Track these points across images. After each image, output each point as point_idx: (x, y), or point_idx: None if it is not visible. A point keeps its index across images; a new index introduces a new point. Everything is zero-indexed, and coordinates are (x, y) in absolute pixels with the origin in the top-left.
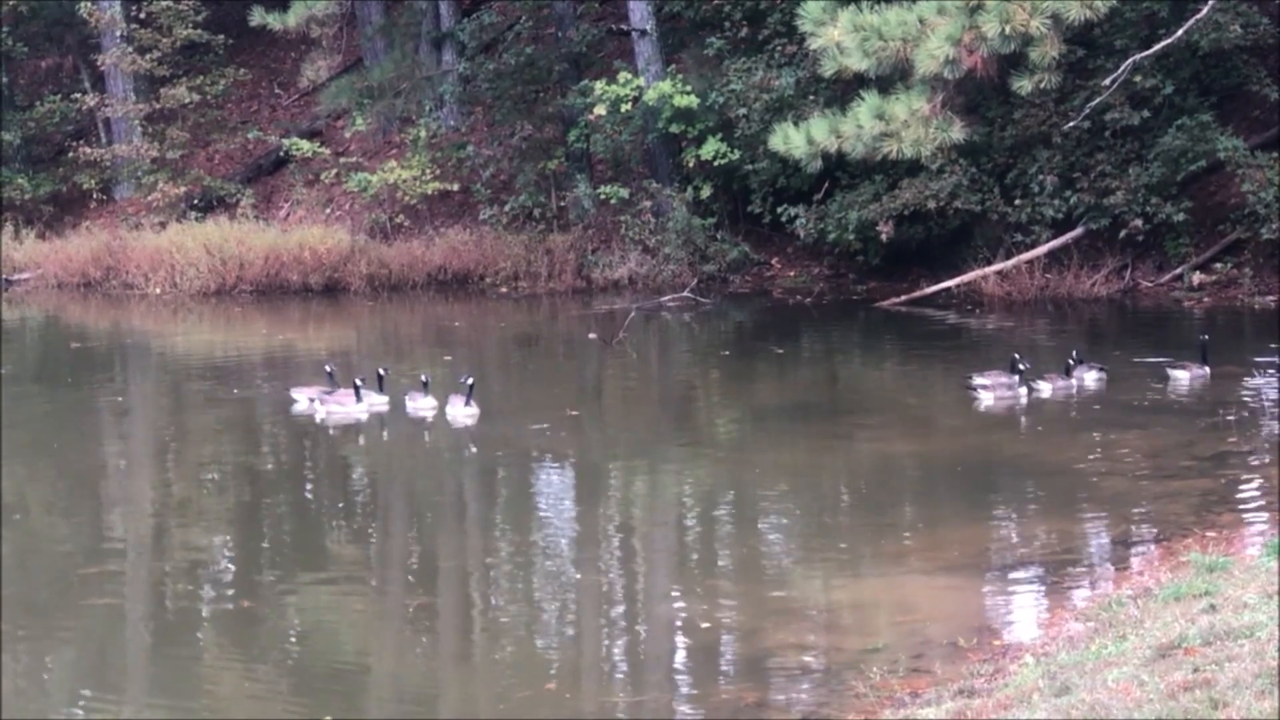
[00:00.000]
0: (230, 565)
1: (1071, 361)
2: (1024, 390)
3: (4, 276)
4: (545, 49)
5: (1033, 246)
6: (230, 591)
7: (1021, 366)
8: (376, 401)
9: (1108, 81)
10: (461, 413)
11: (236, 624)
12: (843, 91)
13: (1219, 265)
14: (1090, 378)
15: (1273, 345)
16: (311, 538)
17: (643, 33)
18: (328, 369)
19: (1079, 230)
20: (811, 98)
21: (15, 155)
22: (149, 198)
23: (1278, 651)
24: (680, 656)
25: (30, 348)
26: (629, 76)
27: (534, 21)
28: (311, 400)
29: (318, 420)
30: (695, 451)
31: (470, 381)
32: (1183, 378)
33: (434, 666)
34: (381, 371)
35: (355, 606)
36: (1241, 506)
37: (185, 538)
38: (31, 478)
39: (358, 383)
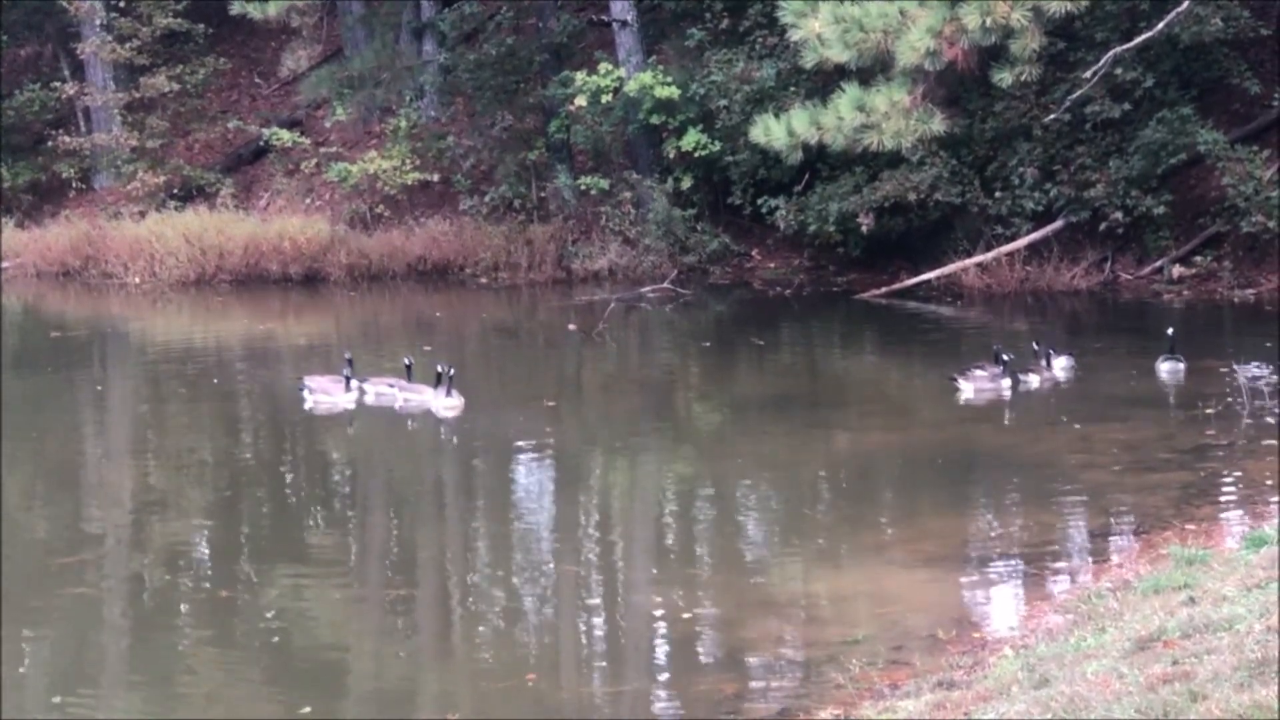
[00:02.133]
0: (209, 555)
1: (1051, 353)
2: (1007, 382)
3: None
4: (526, 39)
5: (1013, 239)
6: (208, 582)
7: (1005, 358)
8: (395, 394)
9: (1088, 74)
10: (444, 403)
11: (214, 614)
12: (823, 83)
13: (1199, 258)
14: (1059, 365)
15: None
16: (291, 528)
17: (624, 24)
18: (346, 356)
19: (1059, 223)
20: (792, 89)
21: None
22: (128, 187)
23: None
24: (660, 648)
25: (9, 336)
26: (610, 67)
27: (515, 12)
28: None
29: (306, 409)
30: (675, 443)
31: (451, 372)
32: (1179, 369)
33: (413, 657)
34: (407, 361)
35: (334, 597)
36: (1220, 499)
37: (164, 527)
38: (10, 466)
39: (346, 373)
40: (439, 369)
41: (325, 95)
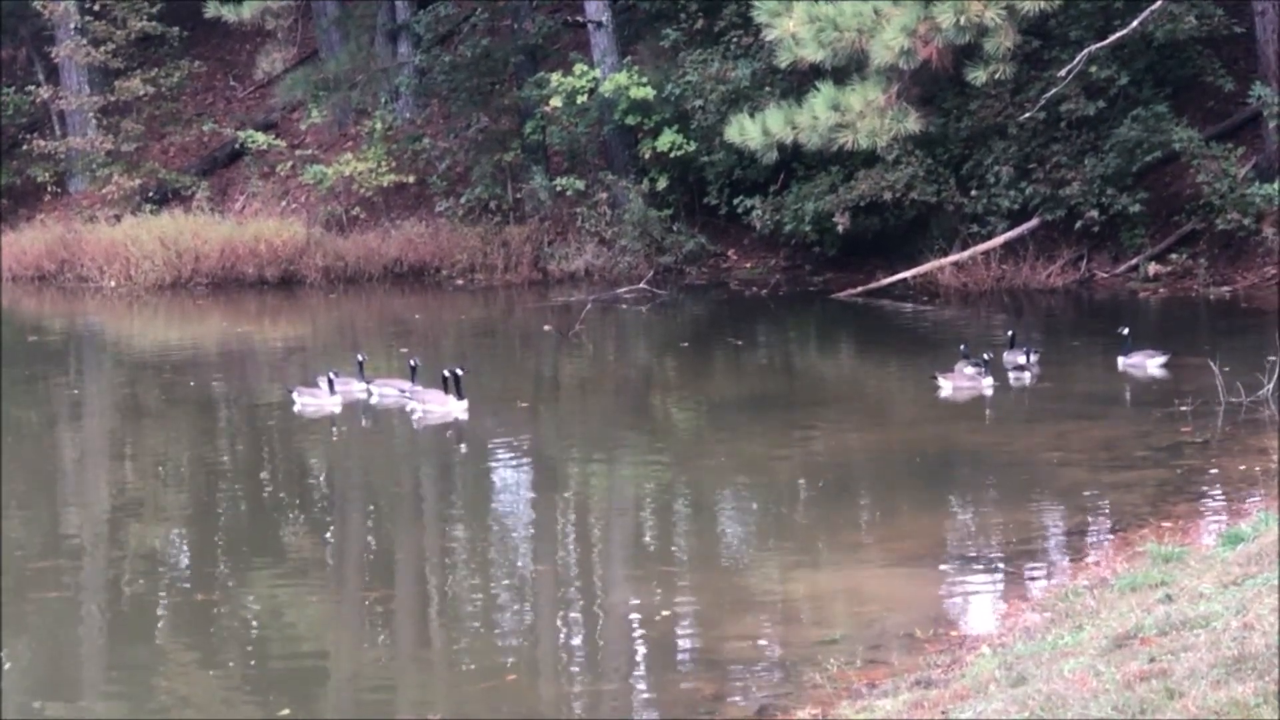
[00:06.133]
0: (186, 559)
1: (1033, 351)
2: (988, 380)
3: None
4: (501, 41)
5: (989, 237)
6: (186, 585)
7: (986, 357)
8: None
9: (1063, 72)
10: (458, 407)
11: (192, 618)
12: (799, 82)
13: (1174, 256)
14: (1020, 360)
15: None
16: (268, 531)
17: (599, 24)
18: (359, 358)
19: (1035, 221)
20: (768, 89)
21: None
22: (104, 190)
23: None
24: (638, 648)
25: None
26: (585, 68)
27: (490, 13)
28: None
29: (295, 410)
30: (652, 443)
31: (459, 373)
32: (1160, 361)
33: (392, 659)
34: (413, 362)
35: (312, 599)
36: (1197, 496)
37: (141, 531)
38: None
39: (331, 375)
40: (457, 372)
41: (300, 97)
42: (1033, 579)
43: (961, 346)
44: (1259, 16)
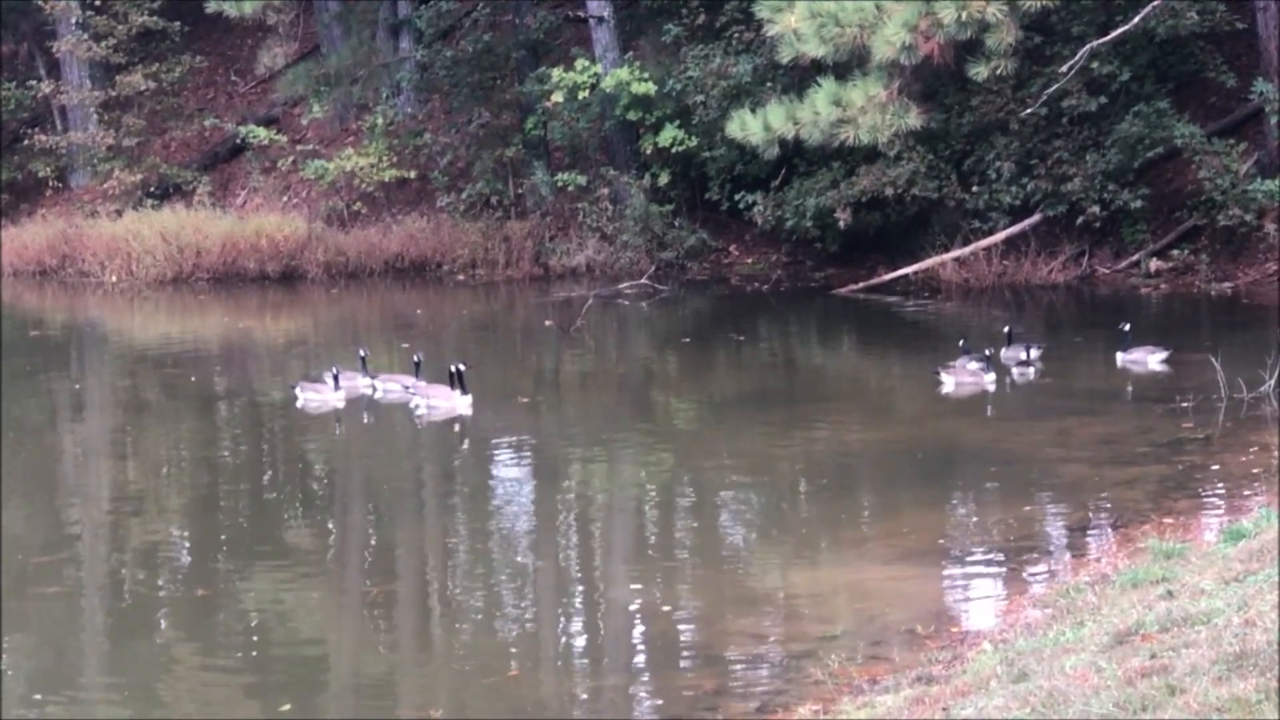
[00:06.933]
0: (188, 554)
1: (1035, 346)
2: (990, 376)
3: None
4: (503, 36)
5: (990, 233)
6: (187, 581)
7: (989, 352)
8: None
9: (1065, 68)
10: (463, 402)
11: (193, 613)
12: (800, 78)
13: (1176, 252)
14: (1018, 355)
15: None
16: (270, 526)
17: (600, 20)
18: (361, 353)
19: (1036, 217)
20: (769, 84)
21: None
22: (105, 185)
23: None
24: (640, 644)
25: None
26: (586, 64)
27: (491, 8)
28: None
29: (298, 406)
30: (653, 439)
31: (462, 369)
32: (1162, 356)
33: (393, 655)
34: (417, 359)
35: (313, 595)
36: (1198, 493)
37: (142, 526)
38: None
39: (334, 370)
40: (461, 368)
41: (302, 92)
42: (1034, 575)
43: (961, 343)
44: (1260, 12)
